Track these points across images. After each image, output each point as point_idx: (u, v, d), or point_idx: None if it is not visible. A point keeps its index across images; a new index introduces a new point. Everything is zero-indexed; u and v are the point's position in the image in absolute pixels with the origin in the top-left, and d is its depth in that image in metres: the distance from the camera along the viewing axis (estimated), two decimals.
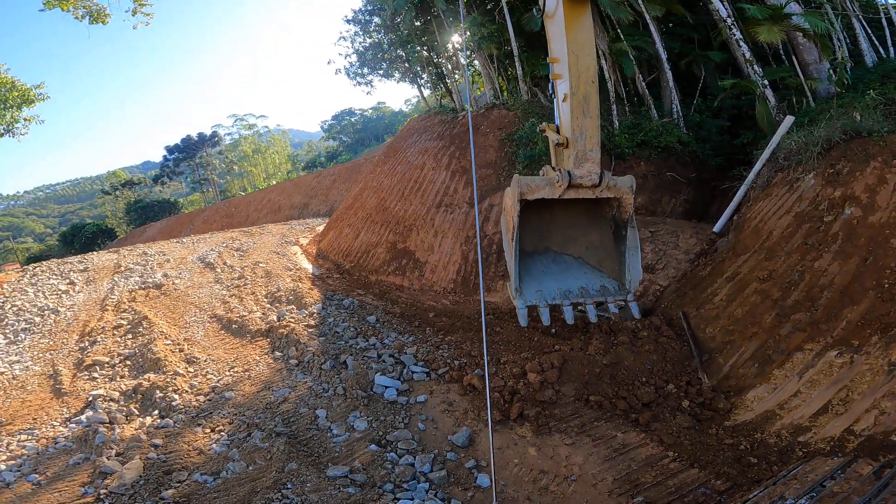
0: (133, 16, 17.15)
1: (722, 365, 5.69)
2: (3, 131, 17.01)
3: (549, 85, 6.75)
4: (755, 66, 9.81)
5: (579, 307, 6.57)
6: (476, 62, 18.99)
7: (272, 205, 40.23)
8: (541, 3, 6.23)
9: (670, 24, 13.43)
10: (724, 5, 10.01)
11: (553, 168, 6.40)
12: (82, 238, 52.23)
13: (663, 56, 11.90)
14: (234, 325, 9.76)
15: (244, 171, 67.14)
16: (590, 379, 5.84)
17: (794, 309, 5.32)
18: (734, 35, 9.91)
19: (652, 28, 11.77)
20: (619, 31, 12.36)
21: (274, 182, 53.00)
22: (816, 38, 9.45)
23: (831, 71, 9.79)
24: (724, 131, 11.98)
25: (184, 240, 23.36)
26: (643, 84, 12.46)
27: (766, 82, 9.61)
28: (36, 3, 15.41)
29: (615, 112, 11.90)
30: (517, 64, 14.26)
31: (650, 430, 5.16)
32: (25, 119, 17.09)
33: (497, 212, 11.58)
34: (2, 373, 9.18)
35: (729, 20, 9.77)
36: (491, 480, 4.91)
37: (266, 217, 37.71)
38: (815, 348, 5.09)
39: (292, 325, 9.08)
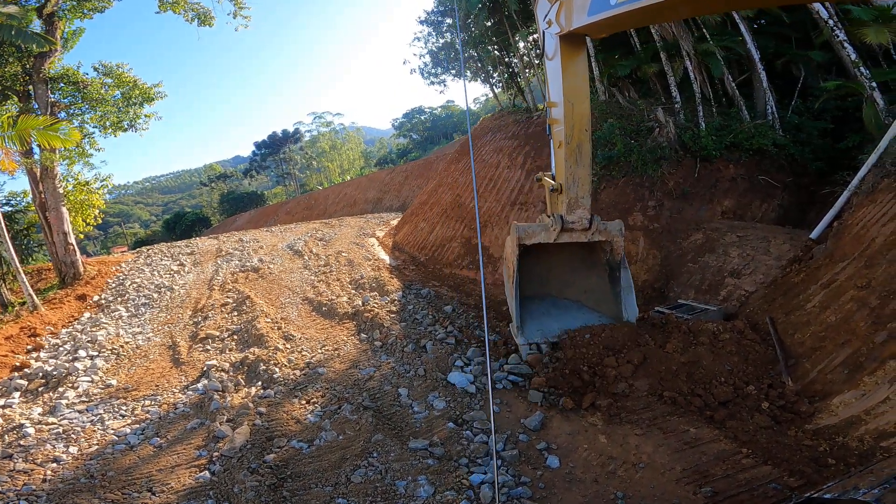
0: (234, 18, 19.09)
1: (809, 370, 5.58)
2: (126, 127, 18.78)
3: (546, 128, 7.34)
4: (861, 68, 9.20)
5: None
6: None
7: (348, 199, 42.17)
8: (542, 46, 6.81)
9: (762, 22, 12.75)
10: (824, 6, 9.45)
11: (548, 216, 7.04)
12: (182, 225, 57.54)
13: (756, 56, 11.35)
14: (323, 308, 10.68)
15: (321, 167, 70.95)
16: (665, 375, 5.93)
17: (892, 318, 5.13)
18: (837, 36, 9.32)
19: (742, 27, 11.27)
20: (704, 31, 11.97)
21: (348, 177, 55.36)
22: None
23: None
24: (826, 134, 11.20)
25: (272, 229, 25.35)
26: (733, 85, 11.96)
27: (874, 84, 8.99)
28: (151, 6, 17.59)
29: (701, 113, 11.53)
30: (593, 64, 14.15)
31: (724, 427, 5.17)
32: (146, 115, 18.51)
33: None
34: (127, 342, 10.31)
35: (831, 21, 9.19)
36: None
37: (342, 210, 39.50)
38: None
39: (376, 310, 9.74)
